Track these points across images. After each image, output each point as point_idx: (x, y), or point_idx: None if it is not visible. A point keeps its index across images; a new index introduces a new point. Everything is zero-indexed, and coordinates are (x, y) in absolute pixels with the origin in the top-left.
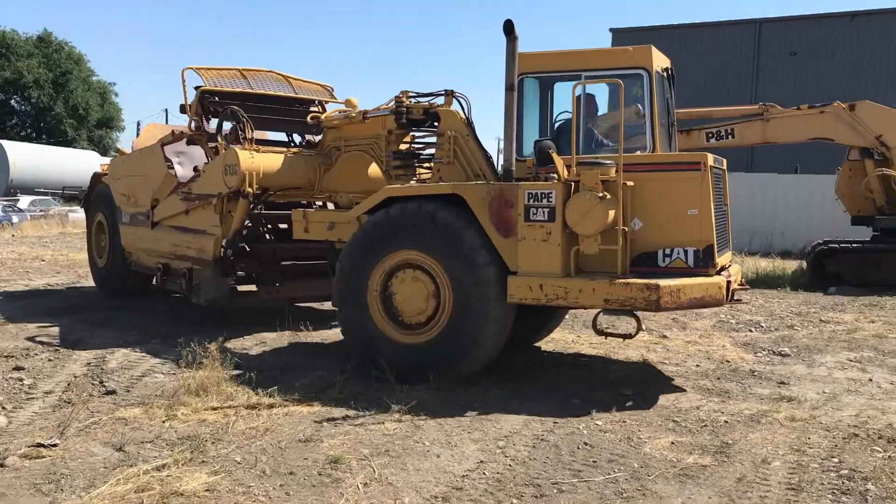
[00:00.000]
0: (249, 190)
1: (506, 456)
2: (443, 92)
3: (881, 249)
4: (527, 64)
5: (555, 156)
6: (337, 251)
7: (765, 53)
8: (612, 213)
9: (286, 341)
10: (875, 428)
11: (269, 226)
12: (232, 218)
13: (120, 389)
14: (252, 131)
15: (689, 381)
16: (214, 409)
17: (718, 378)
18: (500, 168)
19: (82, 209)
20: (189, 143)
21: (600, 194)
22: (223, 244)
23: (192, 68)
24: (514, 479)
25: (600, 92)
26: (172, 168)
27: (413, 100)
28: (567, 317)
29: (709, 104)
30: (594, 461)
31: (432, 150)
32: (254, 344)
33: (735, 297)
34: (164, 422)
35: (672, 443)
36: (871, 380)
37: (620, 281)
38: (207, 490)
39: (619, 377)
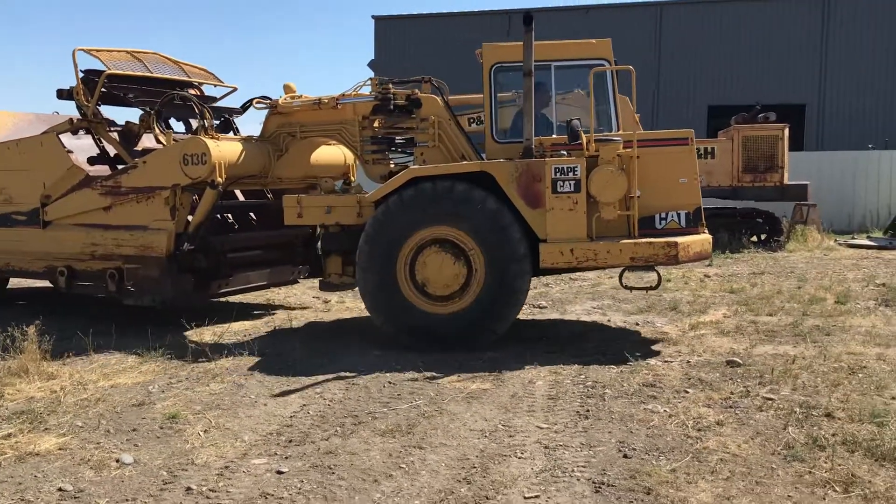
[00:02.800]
0: (220, 180)
1: (324, 399)
2: (420, 79)
3: None
4: (501, 54)
5: (583, 133)
6: (332, 235)
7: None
8: (626, 183)
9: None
10: (611, 353)
11: (230, 216)
12: (183, 211)
13: None
14: (211, 118)
15: None
16: (40, 387)
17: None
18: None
19: None
20: (78, 132)
21: (618, 167)
22: (184, 238)
23: (84, 49)
24: (335, 414)
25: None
26: (76, 161)
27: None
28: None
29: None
30: (398, 394)
31: (402, 136)
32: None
33: None
34: None
35: (458, 376)
36: (609, 321)
37: (644, 240)
38: (60, 449)
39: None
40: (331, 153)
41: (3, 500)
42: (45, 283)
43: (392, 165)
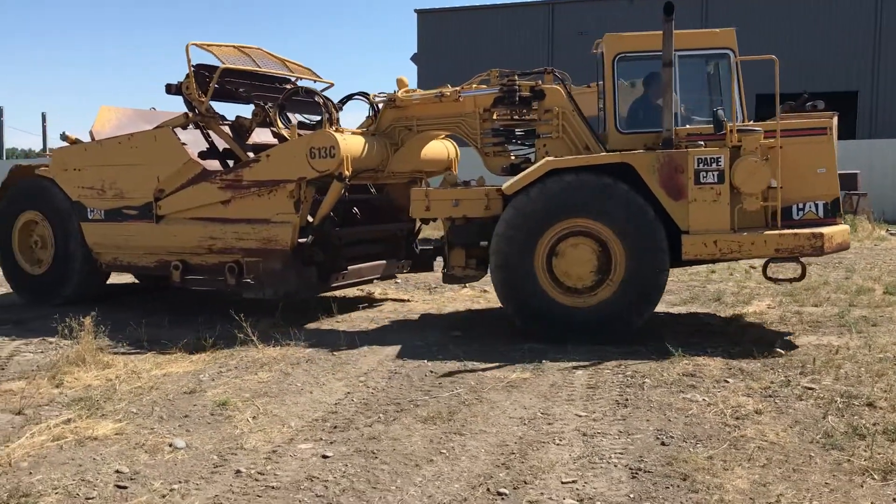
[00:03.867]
0: (347, 173)
1: (367, 387)
2: (543, 70)
3: None
4: (625, 44)
5: (727, 124)
6: (458, 227)
7: (558, 33)
8: (769, 173)
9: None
10: (652, 343)
11: (356, 209)
12: (307, 204)
13: None
14: (337, 111)
15: (491, 321)
16: (96, 376)
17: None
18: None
19: None
20: (187, 126)
21: (762, 157)
22: (308, 231)
23: (197, 44)
24: (378, 401)
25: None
26: (193, 155)
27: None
28: (399, 281)
29: None
30: (439, 383)
31: (523, 128)
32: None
33: None
34: (52, 389)
35: (499, 366)
36: None
37: (789, 231)
38: (117, 434)
39: (447, 323)
40: (437, 147)
41: (65, 480)
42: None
43: (513, 158)
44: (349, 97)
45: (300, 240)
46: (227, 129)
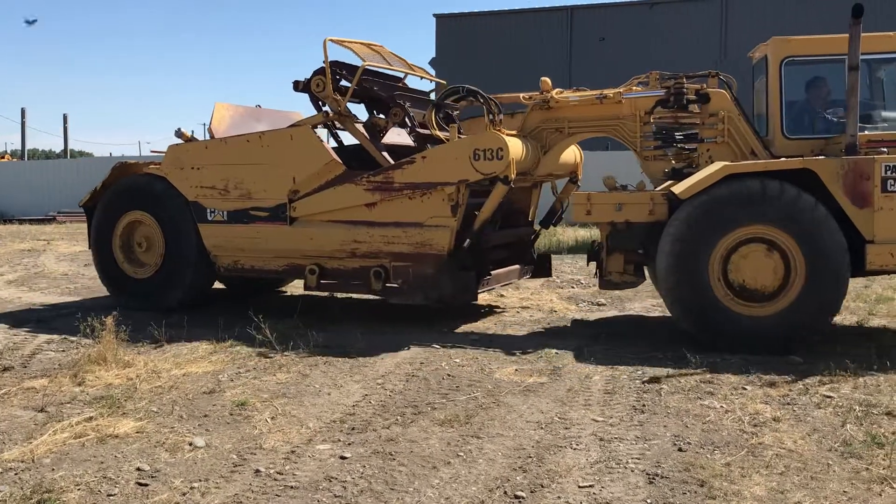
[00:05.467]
0: (513, 175)
1: (385, 389)
2: (707, 73)
3: None
4: (793, 48)
5: None
6: (618, 232)
7: (577, 39)
8: None
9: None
10: (669, 350)
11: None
12: (462, 207)
13: (17, 366)
14: (500, 111)
15: (524, 327)
16: (117, 374)
17: (549, 323)
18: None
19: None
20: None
21: None
22: (467, 235)
23: (335, 41)
24: (396, 404)
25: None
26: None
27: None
28: None
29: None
30: (457, 386)
31: (682, 132)
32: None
33: None
34: (74, 387)
35: (516, 370)
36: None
37: None
38: (137, 432)
39: (468, 327)
40: (568, 151)
41: (87, 476)
42: None
43: (673, 162)
44: (461, 97)
45: (468, 244)
46: (361, 128)
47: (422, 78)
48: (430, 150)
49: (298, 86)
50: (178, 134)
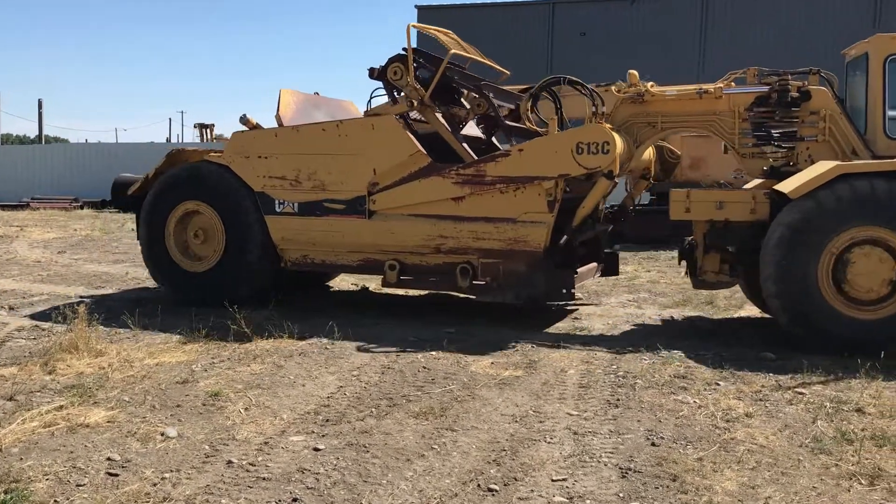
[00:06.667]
0: (617, 170)
1: (360, 381)
2: (808, 70)
3: (656, 211)
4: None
5: None
6: (717, 231)
7: (558, 33)
8: None
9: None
10: (644, 344)
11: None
12: (559, 203)
13: None
14: (602, 104)
15: (500, 319)
16: (89, 363)
17: (524, 317)
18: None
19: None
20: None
21: None
22: (566, 231)
23: (420, 27)
24: (371, 396)
25: None
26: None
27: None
28: None
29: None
30: (432, 379)
31: (780, 130)
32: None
33: None
34: (44, 376)
35: (492, 363)
36: (644, 314)
37: None
38: (108, 421)
39: (441, 319)
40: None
41: (56, 466)
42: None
43: (771, 160)
44: (546, 87)
45: (565, 241)
46: (442, 119)
47: (491, 68)
48: (528, 143)
49: (374, 73)
50: (244, 121)
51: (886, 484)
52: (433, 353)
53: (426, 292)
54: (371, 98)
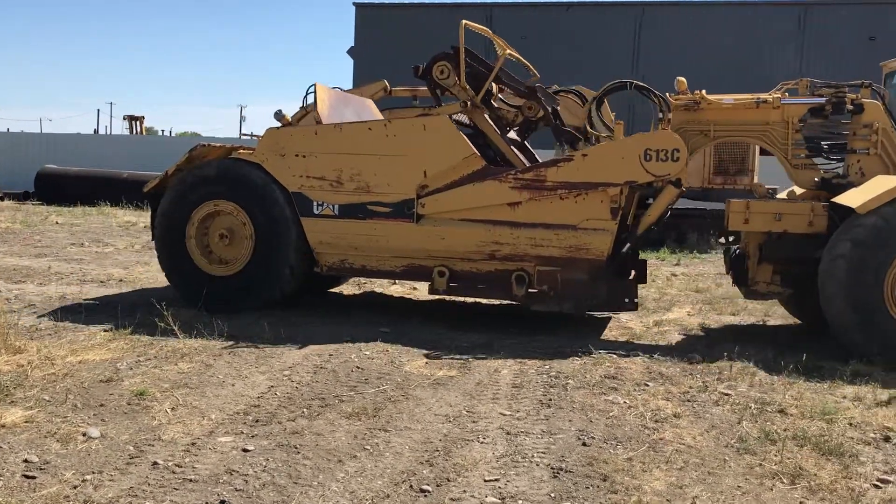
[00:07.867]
0: (685, 178)
1: (292, 381)
2: (860, 83)
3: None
4: None
5: None
6: (774, 242)
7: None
8: None
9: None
10: (576, 345)
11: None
12: (622, 210)
13: None
14: (669, 109)
15: (438, 319)
16: (7, 361)
17: (459, 318)
18: None
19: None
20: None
21: None
22: (629, 240)
23: (471, 25)
24: (303, 396)
25: None
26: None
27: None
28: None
29: None
30: (366, 379)
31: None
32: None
33: None
34: None
35: (426, 363)
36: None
37: None
38: (27, 422)
39: (376, 319)
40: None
41: None
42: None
43: (822, 172)
44: (612, 91)
45: (628, 249)
46: (491, 122)
47: (528, 70)
48: (592, 148)
49: (418, 71)
50: (279, 116)
51: (807, 483)
52: (367, 352)
53: (360, 291)
54: (306, 95)
